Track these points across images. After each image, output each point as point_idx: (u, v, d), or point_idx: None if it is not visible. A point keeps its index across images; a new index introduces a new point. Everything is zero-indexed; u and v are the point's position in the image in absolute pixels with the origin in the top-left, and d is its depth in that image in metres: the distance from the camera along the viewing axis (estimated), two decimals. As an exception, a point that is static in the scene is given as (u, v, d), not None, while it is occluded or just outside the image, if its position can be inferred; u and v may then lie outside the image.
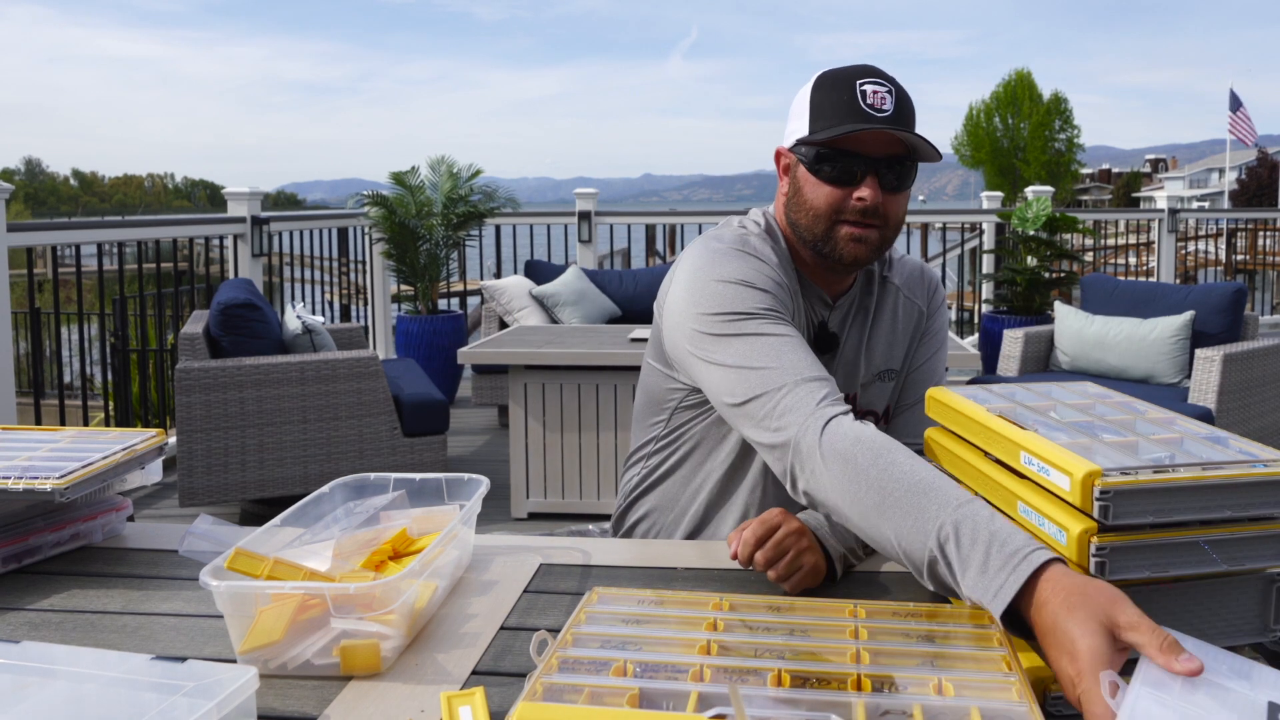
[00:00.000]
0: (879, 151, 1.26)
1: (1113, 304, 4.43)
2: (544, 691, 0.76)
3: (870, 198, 1.26)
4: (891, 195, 1.28)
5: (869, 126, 1.23)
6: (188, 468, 3.56)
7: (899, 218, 1.31)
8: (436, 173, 6.23)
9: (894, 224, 1.31)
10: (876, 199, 1.26)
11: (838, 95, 1.26)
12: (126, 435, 1.33)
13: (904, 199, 1.31)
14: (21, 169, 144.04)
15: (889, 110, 1.24)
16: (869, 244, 1.29)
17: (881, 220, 1.29)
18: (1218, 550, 0.85)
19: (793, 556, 1.12)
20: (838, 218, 1.28)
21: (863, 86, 1.25)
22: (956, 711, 0.73)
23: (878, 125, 1.23)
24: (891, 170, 1.26)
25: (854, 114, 1.24)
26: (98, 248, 5.48)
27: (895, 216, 1.30)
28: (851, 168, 1.26)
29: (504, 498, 3.80)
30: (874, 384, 1.43)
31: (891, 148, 1.26)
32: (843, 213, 1.28)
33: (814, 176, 1.29)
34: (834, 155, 1.26)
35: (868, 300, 1.44)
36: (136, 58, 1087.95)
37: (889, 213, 1.29)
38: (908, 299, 1.46)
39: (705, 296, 1.26)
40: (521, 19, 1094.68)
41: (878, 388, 1.43)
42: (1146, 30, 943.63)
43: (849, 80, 1.27)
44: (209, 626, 1.05)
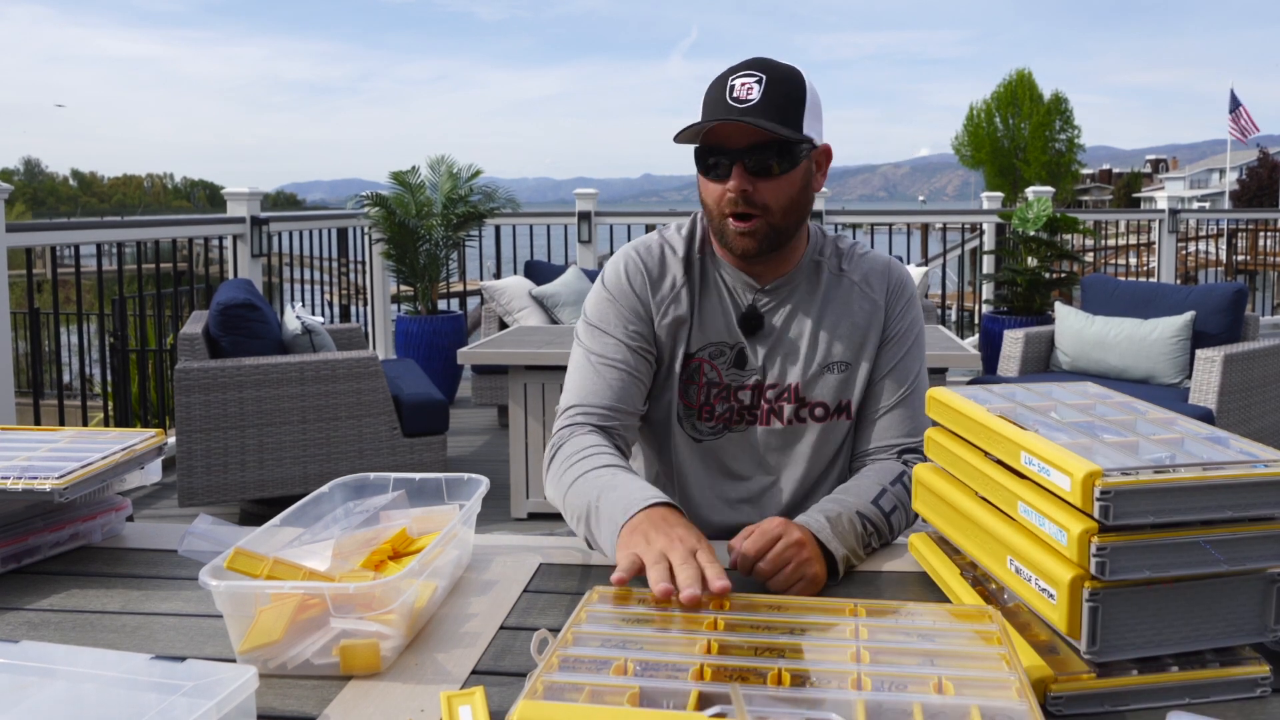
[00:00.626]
0: (741, 143, 1.29)
1: (1113, 304, 4.43)
2: (545, 690, 0.75)
3: (735, 188, 1.30)
4: (765, 182, 1.31)
5: (710, 122, 1.27)
6: (187, 468, 3.56)
7: (784, 203, 1.33)
8: (436, 173, 6.23)
9: (779, 210, 1.33)
10: (742, 188, 1.30)
11: (713, 92, 1.31)
12: (126, 435, 1.33)
13: (784, 184, 1.32)
14: (21, 169, 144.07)
15: (753, 100, 1.27)
16: (755, 235, 1.32)
17: (761, 209, 1.31)
18: (1218, 550, 0.85)
19: (794, 568, 1.11)
20: (723, 212, 1.33)
21: (733, 80, 1.29)
22: (956, 710, 0.73)
23: (719, 119, 1.27)
24: (757, 158, 1.29)
25: (719, 109, 1.28)
26: (97, 248, 5.48)
27: (778, 203, 1.32)
28: (719, 162, 1.31)
29: (504, 498, 3.80)
30: (822, 376, 1.40)
31: (755, 136, 1.28)
32: (724, 206, 1.32)
33: (703, 176, 1.35)
34: (704, 152, 1.32)
35: (814, 290, 1.43)
36: (136, 58, 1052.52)
37: (767, 201, 1.31)
38: (863, 293, 1.43)
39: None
40: (522, 19, 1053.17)
41: (826, 380, 1.41)
42: (1147, 30, 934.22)
43: (725, 75, 1.31)
44: (208, 626, 1.05)
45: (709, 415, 1.42)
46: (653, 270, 1.42)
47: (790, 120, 1.29)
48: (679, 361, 1.41)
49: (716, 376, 1.41)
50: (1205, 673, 0.87)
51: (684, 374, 1.42)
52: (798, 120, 1.30)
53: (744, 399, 1.41)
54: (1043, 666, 0.86)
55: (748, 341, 1.41)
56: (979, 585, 1.04)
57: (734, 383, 1.41)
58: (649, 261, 1.42)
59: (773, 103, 1.27)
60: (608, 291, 1.42)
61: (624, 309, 1.40)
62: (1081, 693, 0.86)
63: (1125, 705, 0.86)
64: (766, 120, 1.26)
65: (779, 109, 1.28)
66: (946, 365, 3.62)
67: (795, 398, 1.41)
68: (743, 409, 1.42)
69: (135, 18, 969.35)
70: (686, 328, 1.41)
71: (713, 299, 1.42)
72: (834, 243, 1.47)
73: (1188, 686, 0.87)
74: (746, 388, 1.41)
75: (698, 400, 1.41)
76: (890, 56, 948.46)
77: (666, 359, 1.42)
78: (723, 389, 1.41)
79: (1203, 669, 0.87)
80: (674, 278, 1.41)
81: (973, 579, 1.06)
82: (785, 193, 1.32)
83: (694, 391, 1.42)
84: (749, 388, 1.41)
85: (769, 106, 1.27)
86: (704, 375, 1.41)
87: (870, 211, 8.04)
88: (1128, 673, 0.87)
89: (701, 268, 1.43)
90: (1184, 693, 0.87)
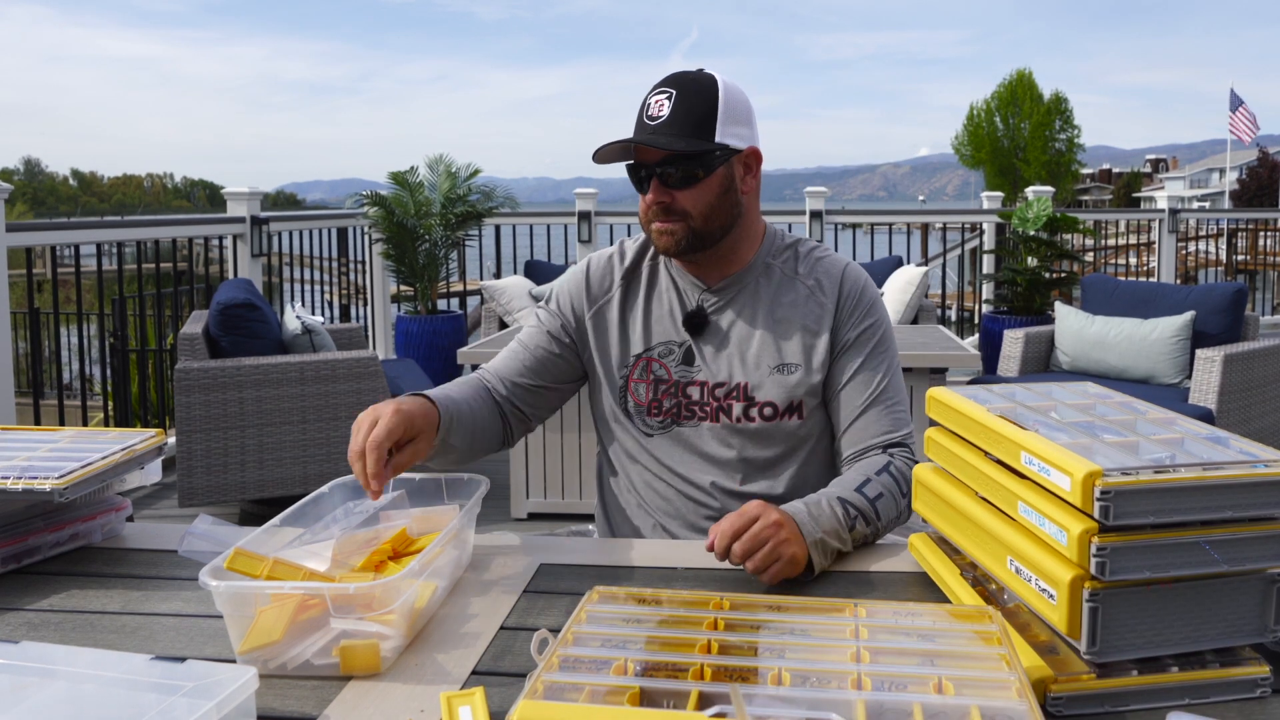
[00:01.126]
0: (655, 158, 1.37)
1: (1113, 304, 4.43)
2: (545, 690, 0.75)
3: (651, 200, 1.39)
4: (682, 191, 1.38)
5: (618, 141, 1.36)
6: (187, 468, 3.56)
7: (703, 209, 1.39)
8: (435, 172, 6.22)
9: (699, 214, 1.39)
10: (658, 199, 1.38)
11: (639, 109, 1.40)
12: (126, 435, 1.33)
13: (701, 192, 1.38)
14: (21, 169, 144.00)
15: (663, 117, 1.35)
16: (673, 235, 1.40)
17: (681, 215, 1.39)
18: (1218, 550, 0.85)
19: (770, 548, 1.13)
20: (649, 219, 1.41)
21: (649, 99, 1.39)
22: (956, 710, 0.73)
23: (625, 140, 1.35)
24: (668, 171, 1.37)
25: (636, 128, 1.38)
26: (97, 248, 5.48)
27: (697, 209, 1.39)
28: (638, 175, 1.40)
29: (504, 498, 3.80)
30: (771, 375, 1.43)
31: (665, 151, 1.36)
32: (649, 215, 1.41)
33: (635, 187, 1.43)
34: (630, 168, 1.41)
35: (764, 291, 1.47)
36: (136, 57, 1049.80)
37: (686, 207, 1.38)
38: (813, 296, 1.46)
39: None
40: (522, 19, 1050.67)
41: (776, 380, 1.43)
42: (1147, 30, 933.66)
43: (647, 94, 1.40)
44: (208, 626, 1.05)
45: (657, 410, 1.47)
46: (593, 277, 1.53)
47: (701, 131, 1.36)
48: (618, 360, 1.48)
49: (665, 373, 1.46)
50: (1205, 673, 0.87)
51: (633, 371, 1.48)
52: (709, 130, 1.36)
53: (692, 394, 1.45)
54: (1043, 667, 0.86)
55: (694, 340, 1.46)
56: (979, 585, 1.04)
57: (683, 379, 1.46)
58: (593, 270, 1.53)
59: (680, 118, 1.35)
60: (561, 287, 1.55)
61: (557, 306, 1.53)
62: (1081, 693, 0.86)
63: (1125, 706, 0.86)
64: (670, 136, 1.34)
65: (688, 123, 1.35)
66: (946, 365, 3.62)
67: (744, 396, 1.44)
68: (690, 404, 1.45)
69: (135, 17, 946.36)
70: (627, 329, 1.49)
71: (662, 300, 1.49)
72: (793, 245, 1.50)
73: (1188, 687, 0.87)
74: (695, 384, 1.46)
75: (646, 397, 1.47)
76: (891, 56, 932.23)
77: (600, 356, 1.50)
78: (671, 385, 1.46)
79: (1203, 669, 0.87)
80: (610, 283, 1.51)
81: (973, 579, 1.06)
82: (703, 199, 1.38)
83: (643, 389, 1.47)
84: (697, 384, 1.45)
85: (675, 122, 1.35)
86: (652, 372, 1.47)
87: (870, 211, 8.04)
88: (1128, 673, 0.87)
89: (650, 272, 1.51)
90: (1184, 693, 0.87)
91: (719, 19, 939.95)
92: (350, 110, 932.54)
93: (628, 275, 1.51)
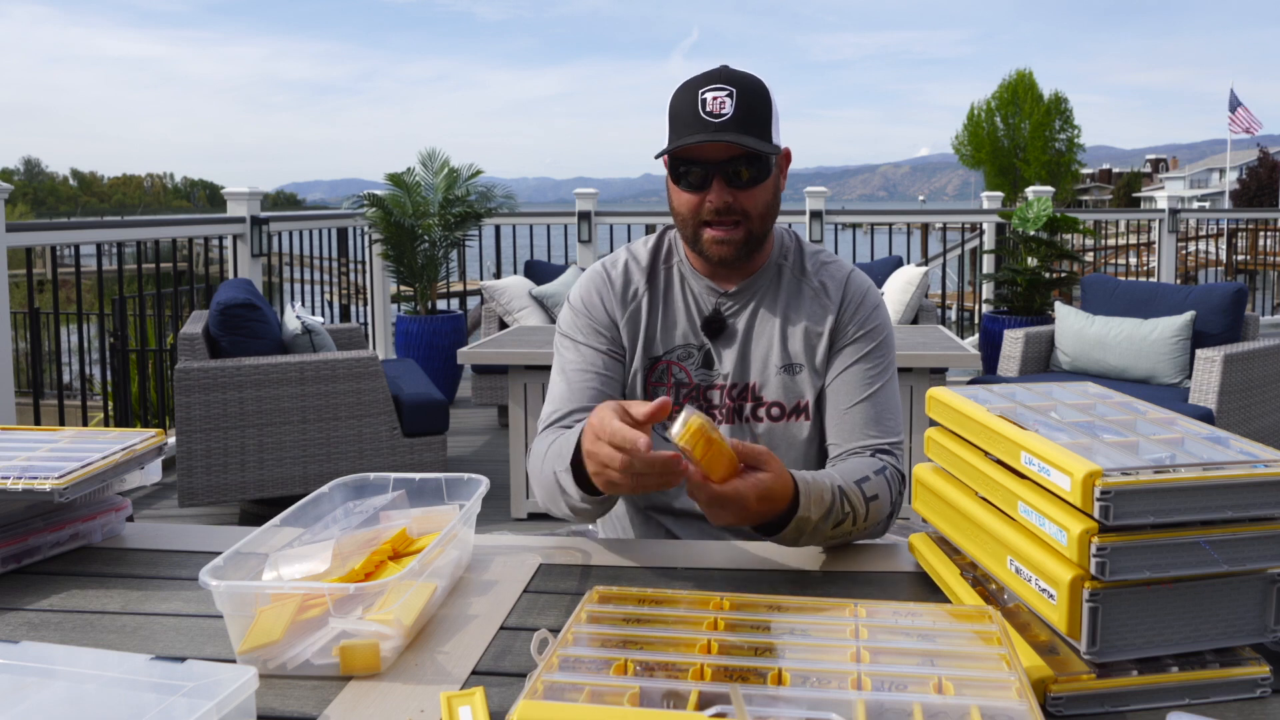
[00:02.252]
0: (721, 156, 1.34)
1: (1113, 304, 4.43)
2: (545, 690, 0.75)
3: (717, 201, 1.35)
4: (744, 192, 1.36)
5: (697, 140, 1.31)
6: (187, 468, 3.56)
7: (762, 209, 1.38)
8: (429, 169, 6.21)
9: (758, 216, 1.38)
10: (724, 201, 1.35)
11: (684, 105, 1.34)
12: (126, 435, 1.33)
13: (762, 192, 1.37)
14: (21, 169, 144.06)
15: (727, 114, 1.31)
16: (733, 242, 1.37)
17: (741, 215, 1.37)
18: (1218, 550, 0.85)
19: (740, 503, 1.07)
20: (699, 221, 1.38)
21: (704, 94, 1.33)
22: (956, 710, 0.73)
23: (705, 137, 1.30)
24: (738, 170, 1.34)
25: (694, 123, 1.32)
26: (97, 248, 5.48)
27: (757, 210, 1.37)
28: (700, 174, 1.35)
29: (504, 498, 3.80)
30: (779, 375, 1.43)
31: (733, 149, 1.33)
32: (702, 215, 1.37)
33: (675, 185, 1.39)
34: (683, 164, 1.36)
35: (775, 292, 1.47)
36: (137, 58, 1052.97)
37: (747, 208, 1.36)
38: (818, 299, 1.46)
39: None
40: (523, 19, 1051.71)
41: (781, 380, 1.43)
42: (1147, 30, 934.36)
43: (694, 89, 1.34)
44: (208, 626, 1.05)
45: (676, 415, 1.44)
46: (616, 281, 1.48)
47: (763, 132, 1.34)
48: (641, 364, 1.46)
49: (686, 377, 1.46)
50: (1205, 673, 0.87)
51: (652, 376, 1.46)
52: (768, 131, 1.35)
53: (713, 398, 1.45)
54: (1043, 667, 0.86)
55: (712, 344, 1.45)
56: (979, 585, 1.04)
57: (703, 382, 1.45)
58: (613, 274, 1.49)
59: (745, 117, 1.32)
60: (575, 307, 1.49)
61: (592, 319, 1.47)
62: (1081, 693, 0.86)
63: (1125, 706, 0.86)
64: (745, 135, 1.32)
65: (754, 122, 1.33)
66: (946, 365, 3.62)
67: (753, 396, 1.44)
68: (711, 409, 1.45)
69: (136, 18, 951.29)
70: (651, 332, 1.46)
71: (678, 304, 1.47)
72: (801, 248, 1.50)
73: (1188, 687, 0.87)
74: (715, 388, 1.45)
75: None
76: (891, 56, 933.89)
77: (630, 361, 1.47)
78: (692, 389, 1.45)
79: (1203, 669, 0.87)
80: (636, 286, 1.48)
81: (973, 579, 1.06)
82: (763, 200, 1.38)
83: (662, 393, 1.46)
84: (717, 388, 1.45)
85: (742, 121, 1.32)
86: (672, 376, 1.46)
87: (870, 211, 8.04)
88: (1128, 673, 0.87)
89: (666, 276, 1.49)
90: (1184, 693, 0.87)
91: (720, 19, 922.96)
92: (351, 110, 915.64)
93: (650, 278, 1.48)
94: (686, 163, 1.35)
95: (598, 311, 1.47)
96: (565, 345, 1.48)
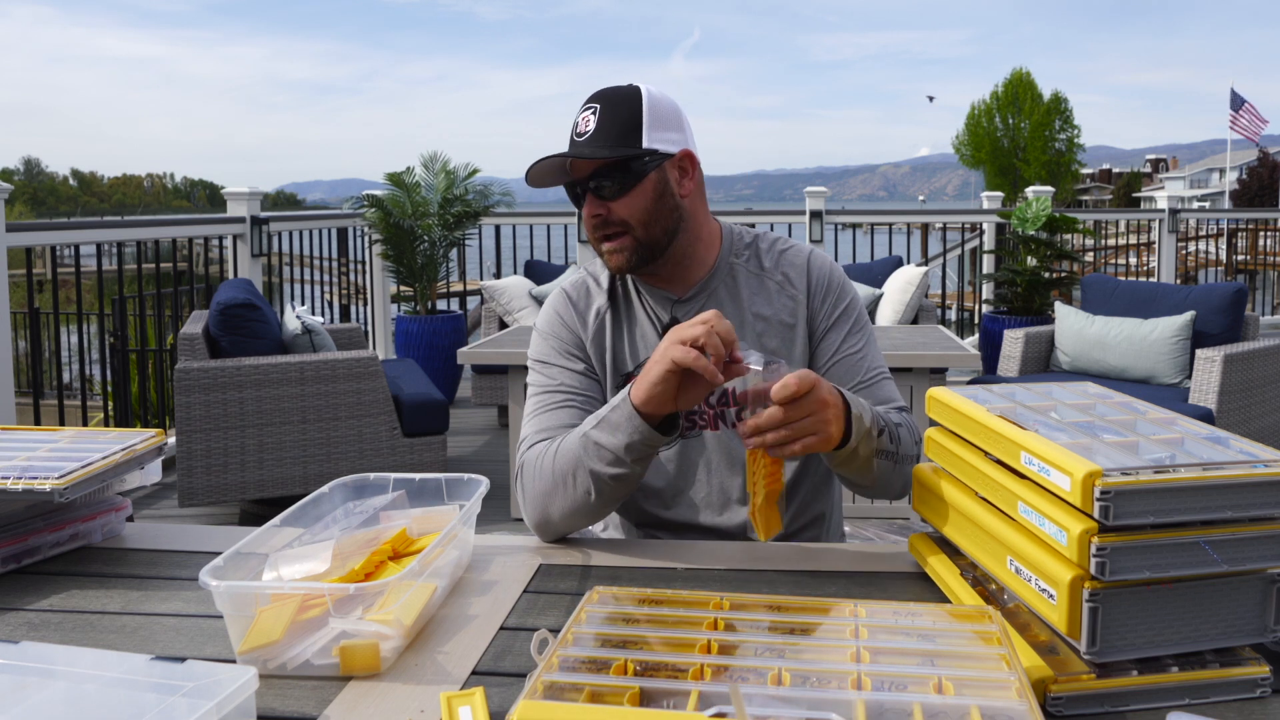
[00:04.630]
0: (585, 172, 1.36)
1: (1113, 304, 4.43)
2: (545, 690, 0.75)
3: (589, 215, 1.38)
4: (615, 201, 1.37)
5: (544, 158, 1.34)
6: (187, 468, 3.56)
7: (640, 215, 1.38)
8: (430, 170, 6.22)
9: (639, 223, 1.38)
10: (595, 213, 1.37)
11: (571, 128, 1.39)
12: (126, 435, 1.33)
13: (637, 198, 1.37)
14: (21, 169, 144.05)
15: (589, 132, 1.35)
16: (623, 251, 1.39)
17: (621, 225, 1.37)
18: (1218, 550, 0.85)
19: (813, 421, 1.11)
20: (595, 236, 1.40)
21: (577, 117, 1.38)
22: (956, 710, 0.73)
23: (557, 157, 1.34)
24: (606, 182, 1.36)
25: (569, 145, 1.37)
26: (97, 248, 5.48)
27: (635, 217, 1.37)
28: (576, 194, 1.40)
29: (504, 498, 3.80)
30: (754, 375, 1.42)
31: (593, 164, 1.35)
32: (593, 231, 1.40)
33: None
34: (568, 187, 1.40)
35: (734, 291, 1.46)
36: (138, 57, 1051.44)
37: (624, 217, 1.37)
38: (783, 289, 1.46)
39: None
40: (524, 19, 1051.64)
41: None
42: (1148, 30, 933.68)
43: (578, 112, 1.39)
44: (208, 626, 1.05)
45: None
46: (578, 302, 1.49)
47: (627, 139, 1.35)
48: (613, 382, 1.46)
49: None
50: (1205, 673, 0.87)
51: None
52: (635, 137, 1.36)
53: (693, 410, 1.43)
54: (1043, 667, 0.86)
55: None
56: (979, 585, 1.04)
57: None
58: (574, 295, 1.50)
59: (605, 129, 1.35)
60: (544, 331, 1.49)
61: (562, 340, 1.47)
62: (1081, 693, 0.86)
63: (1125, 706, 0.86)
64: (594, 148, 1.34)
65: (613, 133, 1.35)
66: (946, 365, 3.62)
67: (733, 401, 1.42)
68: (690, 415, 1.44)
69: (137, 18, 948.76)
70: (618, 349, 1.46)
71: (640, 317, 1.48)
72: (753, 243, 1.50)
73: (1188, 687, 0.87)
74: None
75: None
76: (892, 56, 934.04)
77: (604, 380, 1.47)
78: None
79: (1203, 669, 0.87)
80: (598, 305, 1.48)
81: (973, 579, 1.06)
82: (638, 206, 1.37)
83: None
84: None
85: (600, 133, 1.35)
86: None
87: (870, 211, 8.04)
88: (1128, 673, 0.87)
89: (624, 292, 1.50)
90: (1184, 693, 0.87)
91: (721, 19, 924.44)
92: (351, 110, 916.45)
93: (610, 295, 1.49)
94: (570, 185, 1.39)
95: (566, 333, 1.47)
96: (540, 369, 1.47)
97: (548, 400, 1.42)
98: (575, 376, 1.44)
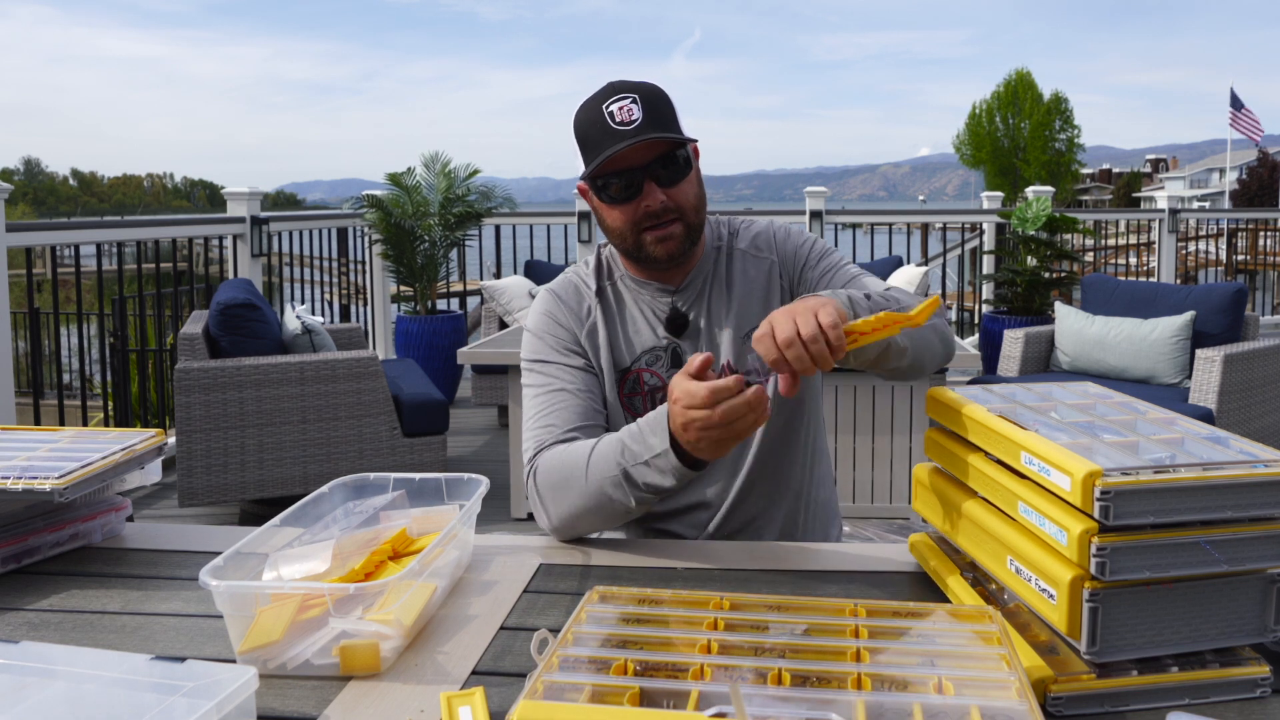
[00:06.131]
0: (645, 158, 1.35)
1: (1113, 304, 4.43)
2: (545, 690, 0.75)
3: (654, 203, 1.37)
4: (675, 188, 1.38)
5: (619, 146, 1.32)
6: (187, 468, 3.56)
7: (693, 201, 1.40)
8: (431, 171, 6.22)
9: (691, 208, 1.40)
10: (659, 201, 1.37)
11: (592, 124, 1.36)
12: (126, 435, 1.33)
13: (689, 184, 1.39)
14: (21, 169, 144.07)
15: (638, 119, 1.34)
16: (675, 237, 1.39)
17: (677, 212, 1.39)
18: (1218, 550, 0.85)
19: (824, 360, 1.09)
20: (638, 228, 1.39)
21: (609, 108, 1.35)
22: (956, 710, 0.73)
23: (627, 142, 1.32)
24: (664, 169, 1.36)
25: (608, 137, 1.34)
26: (97, 248, 5.48)
27: (688, 202, 1.40)
28: (628, 184, 1.37)
29: (504, 498, 3.80)
30: (747, 342, 1.45)
31: (654, 149, 1.35)
32: (640, 222, 1.38)
33: (606, 203, 1.40)
34: (612, 178, 1.37)
35: (719, 273, 1.50)
36: (138, 58, 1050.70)
37: (680, 203, 1.39)
38: (755, 258, 1.50)
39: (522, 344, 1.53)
40: (525, 19, 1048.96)
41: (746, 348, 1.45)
42: (1148, 31, 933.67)
43: (597, 106, 1.36)
44: (208, 626, 1.05)
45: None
46: (568, 300, 1.49)
47: (674, 126, 1.37)
48: (611, 378, 1.46)
49: (658, 380, 1.46)
50: (1205, 673, 0.87)
51: (624, 388, 1.47)
52: (678, 125, 1.38)
53: None
54: (1043, 667, 0.86)
55: (679, 342, 1.47)
56: (979, 585, 1.04)
57: None
58: (564, 294, 1.50)
59: (654, 117, 1.35)
60: (537, 330, 1.49)
61: (557, 338, 1.47)
62: (1081, 693, 0.86)
63: (1125, 706, 0.86)
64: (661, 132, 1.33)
65: (663, 120, 1.36)
66: (946, 365, 3.62)
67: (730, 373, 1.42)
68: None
69: (138, 18, 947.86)
70: (613, 345, 1.47)
71: (633, 313, 1.49)
72: (726, 225, 1.54)
73: (1188, 687, 0.87)
74: None
75: (644, 408, 1.45)
76: (893, 56, 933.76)
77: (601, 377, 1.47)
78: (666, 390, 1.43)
79: (1203, 669, 0.87)
80: (589, 304, 1.49)
81: (973, 579, 1.06)
82: (692, 193, 1.40)
83: (639, 402, 1.46)
84: None
85: (650, 122, 1.34)
86: (644, 384, 1.46)
87: (870, 211, 8.04)
88: (1128, 673, 0.87)
89: (614, 290, 1.51)
90: (1184, 693, 0.87)
91: (722, 19, 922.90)
92: (352, 110, 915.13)
93: (599, 294, 1.49)
94: (613, 176, 1.36)
95: (561, 330, 1.48)
96: (538, 369, 1.46)
97: (552, 399, 1.41)
98: (575, 372, 1.44)
